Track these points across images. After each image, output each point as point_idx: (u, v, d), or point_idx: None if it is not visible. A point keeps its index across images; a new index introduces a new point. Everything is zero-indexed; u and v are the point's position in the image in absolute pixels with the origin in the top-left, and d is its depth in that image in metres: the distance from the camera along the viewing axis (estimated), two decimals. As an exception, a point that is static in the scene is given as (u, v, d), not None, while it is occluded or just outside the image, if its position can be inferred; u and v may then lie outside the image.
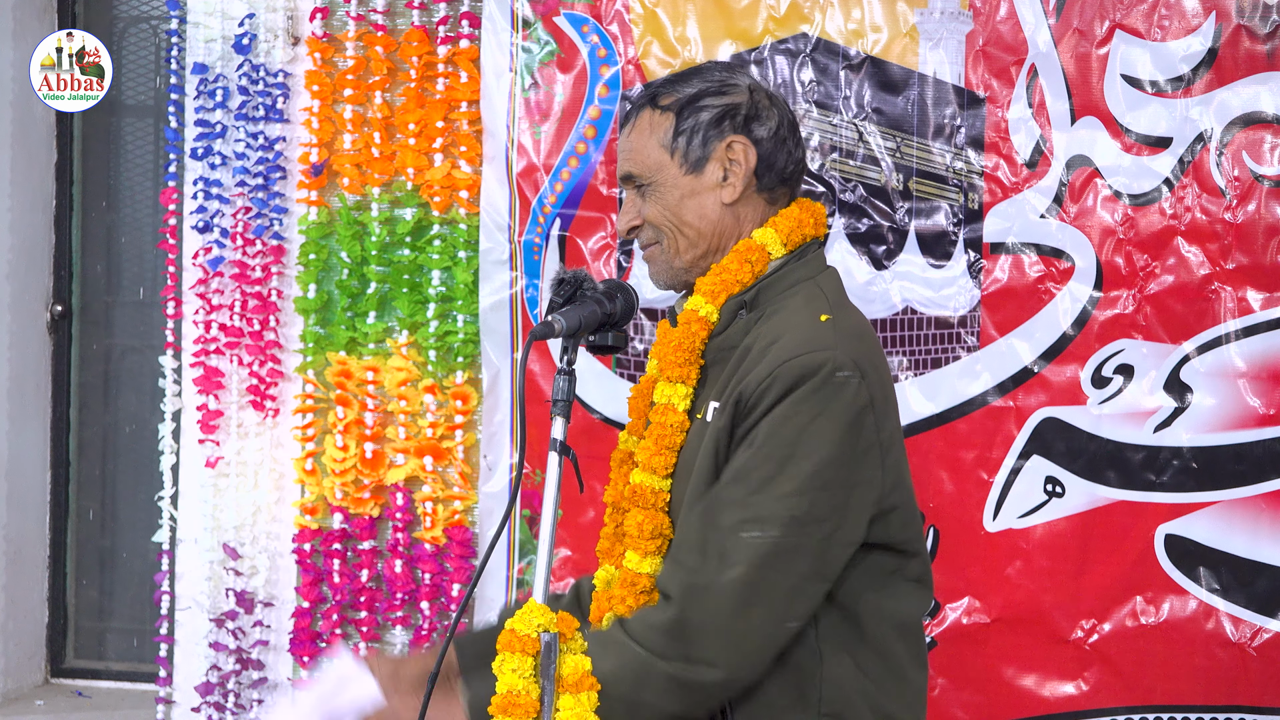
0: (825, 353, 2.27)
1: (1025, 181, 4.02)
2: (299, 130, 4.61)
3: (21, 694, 5.26)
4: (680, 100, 2.41)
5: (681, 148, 2.40)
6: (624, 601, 2.37)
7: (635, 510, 2.39)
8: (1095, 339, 3.99)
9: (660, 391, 2.40)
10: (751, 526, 2.24)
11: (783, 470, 2.25)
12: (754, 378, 2.29)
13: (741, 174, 2.41)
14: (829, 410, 2.25)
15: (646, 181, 2.42)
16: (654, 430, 2.39)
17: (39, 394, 5.34)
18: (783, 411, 2.25)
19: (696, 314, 2.40)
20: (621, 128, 2.46)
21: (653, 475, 2.38)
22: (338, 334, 4.58)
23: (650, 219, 2.43)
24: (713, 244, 2.42)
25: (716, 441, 2.32)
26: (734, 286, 2.39)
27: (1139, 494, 3.96)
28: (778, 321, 2.35)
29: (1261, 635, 3.91)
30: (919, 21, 4.09)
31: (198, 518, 4.72)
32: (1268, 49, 3.89)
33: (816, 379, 2.25)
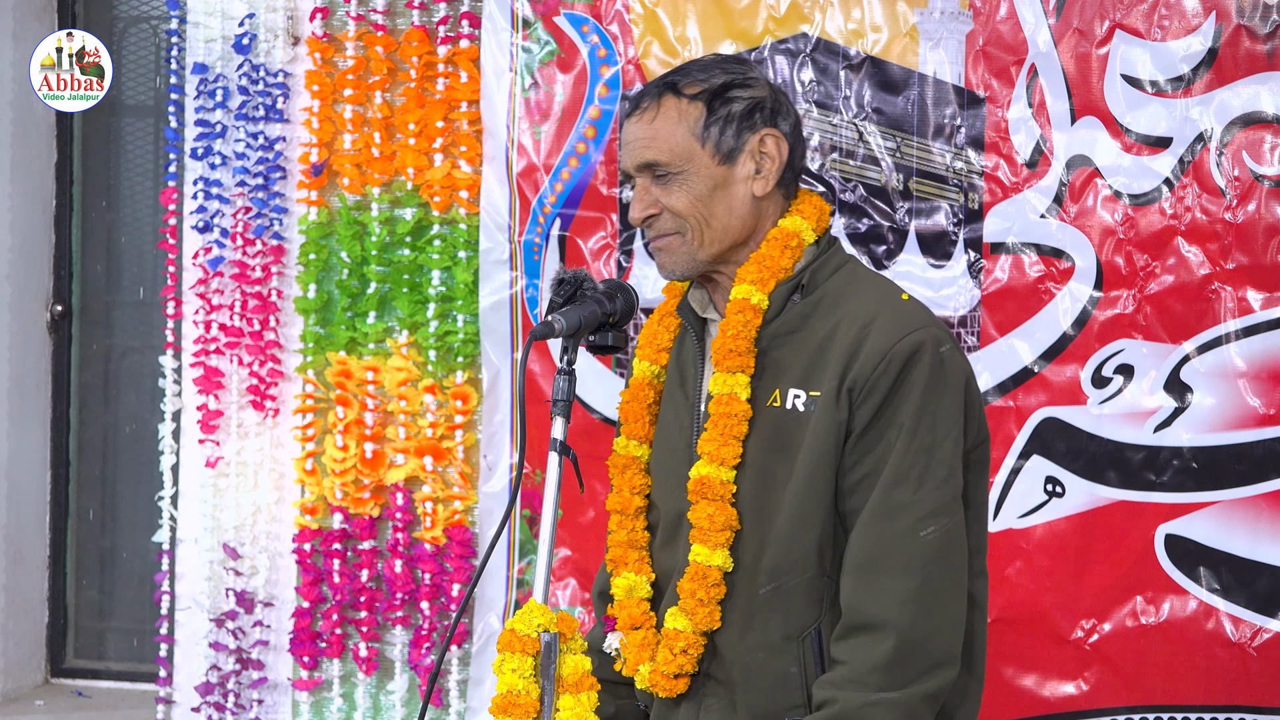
0: (925, 330, 2.32)
1: (1025, 181, 4.02)
2: (299, 130, 4.61)
3: (21, 694, 5.27)
4: (709, 90, 2.38)
5: (714, 138, 2.37)
6: (694, 595, 2.35)
7: (704, 503, 2.36)
8: (1095, 339, 3.99)
9: (720, 382, 2.37)
10: (926, 524, 2.28)
11: (932, 459, 2.29)
12: (864, 364, 2.30)
13: (774, 168, 2.40)
14: (947, 387, 2.31)
15: (675, 170, 2.38)
16: (718, 421, 2.35)
17: (39, 394, 5.34)
18: (912, 401, 2.29)
19: (748, 302, 2.37)
20: (630, 116, 2.42)
21: (720, 467, 2.36)
22: (338, 334, 4.58)
23: (674, 208, 2.38)
24: (740, 236, 2.41)
25: (835, 434, 2.31)
26: (780, 273, 2.39)
27: (1139, 494, 3.96)
28: (856, 304, 2.36)
29: (1261, 635, 3.91)
30: (919, 21, 4.09)
31: (198, 518, 4.72)
32: (1268, 49, 3.89)
33: (927, 357, 2.29)
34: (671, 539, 2.46)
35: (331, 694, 4.64)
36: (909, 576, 2.27)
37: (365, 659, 4.57)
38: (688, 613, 2.37)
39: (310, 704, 4.65)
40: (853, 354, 2.31)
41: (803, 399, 2.34)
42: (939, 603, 2.28)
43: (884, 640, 2.25)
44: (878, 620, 2.26)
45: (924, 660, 2.27)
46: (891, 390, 2.29)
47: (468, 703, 4.51)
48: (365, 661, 4.57)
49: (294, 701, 4.66)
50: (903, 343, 2.30)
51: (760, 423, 2.36)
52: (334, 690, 4.63)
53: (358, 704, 4.62)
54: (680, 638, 2.37)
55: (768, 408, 2.36)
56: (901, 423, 2.29)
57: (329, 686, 4.64)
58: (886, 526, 2.28)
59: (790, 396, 2.35)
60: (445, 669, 4.55)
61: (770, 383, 2.37)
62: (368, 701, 4.62)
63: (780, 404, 2.35)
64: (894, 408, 2.29)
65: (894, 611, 2.26)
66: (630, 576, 2.47)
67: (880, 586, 2.27)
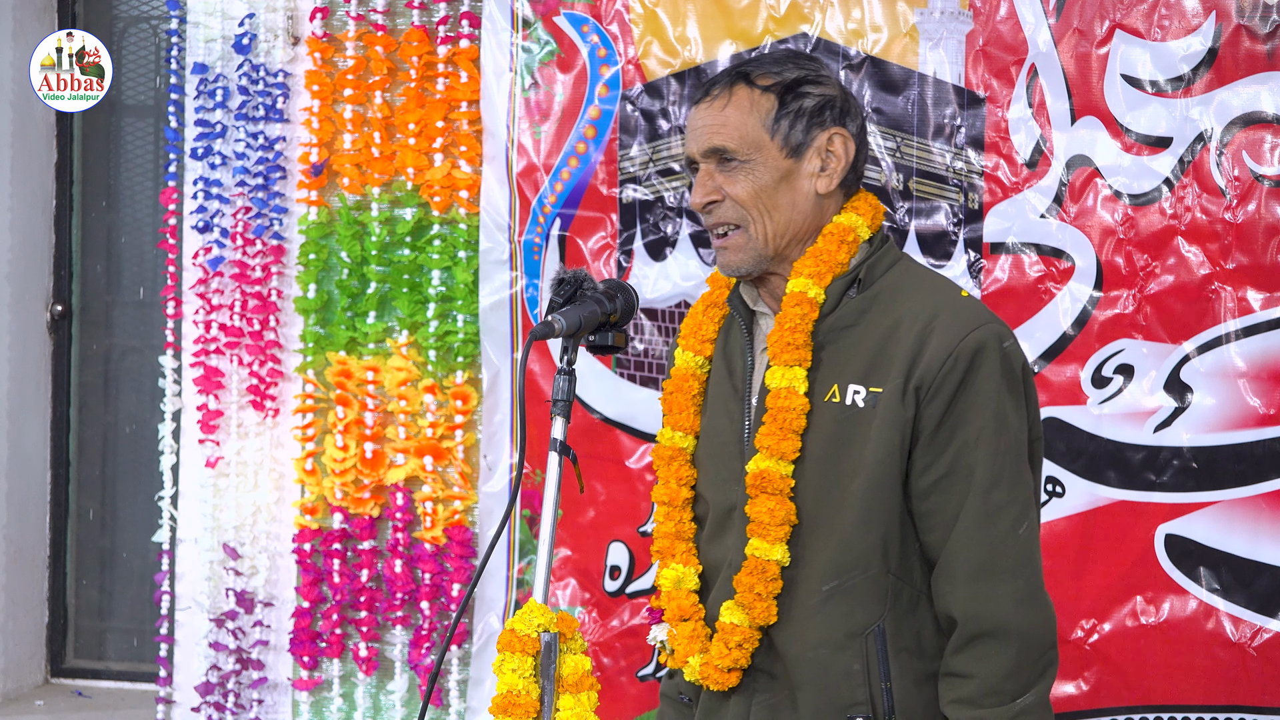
0: (989, 326, 2.34)
1: (1025, 181, 4.02)
2: (299, 130, 4.61)
3: (21, 694, 5.27)
4: (782, 83, 2.39)
5: (784, 130, 2.38)
6: (752, 590, 2.36)
7: (763, 497, 2.36)
8: (1095, 339, 3.99)
9: (778, 375, 2.37)
10: (1020, 522, 2.32)
11: (1015, 457, 2.33)
12: (930, 362, 2.31)
13: (840, 167, 2.41)
14: (1016, 383, 2.34)
15: (743, 158, 2.38)
16: (776, 415, 2.35)
17: (39, 394, 5.34)
18: (989, 401, 2.31)
19: (805, 295, 2.38)
20: (699, 102, 2.42)
21: (779, 461, 2.36)
22: (338, 334, 4.58)
23: (737, 196, 2.38)
24: (801, 231, 2.41)
25: (901, 432, 2.32)
26: (837, 268, 2.39)
27: (1139, 494, 3.96)
28: (917, 301, 2.36)
29: (1261, 635, 3.90)
30: (919, 21, 4.09)
31: (198, 518, 4.72)
32: (1268, 49, 3.89)
33: (995, 354, 2.31)
34: (720, 532, 2.45)
35: (331, 694, 4.64)
36: (1017, 577, 2.30)
37: (365, 659, 4.57)
38: (745, 607, 2.37)
39: (310, 704, 4.66)
40: (918, 352, 2.32)
41: (863, 395, 2.34)
42: (1041, 597, 2.33)
43: (1008, 646, 2.28)
44: (999, 626, 2.29)
45: (1042, 656, 2.31)
46: (960, 388, 2.31)
47: (468, 703, 4.52)
48: (365, 661, 4.57)
49: (294, 701, 4.66)
50: (968, 340, 2.31)
51: (818, 418, 2.36)
52: (334, 690, 4.63)
53: (358, 704, 4.62)
54: (736, 632, 2.37)
55: (826, 403, 2.36)
56: (982, 423, 2.30)
57: (329, 686, 4.64)
58: (990, 530, 2.30)
59: (850, 392, 2.35)
60: (445, 669, 4.55)
61: (828, 377, 2.37)
62: (368, 701, 4.62)
63: (840, 399, 2.35)
64: (967, 406, 2.31)
65: (1011, 614, 2.29)
66: (678, 568, 2.47)
67: (994, 592, 2.29)
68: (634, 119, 4.28)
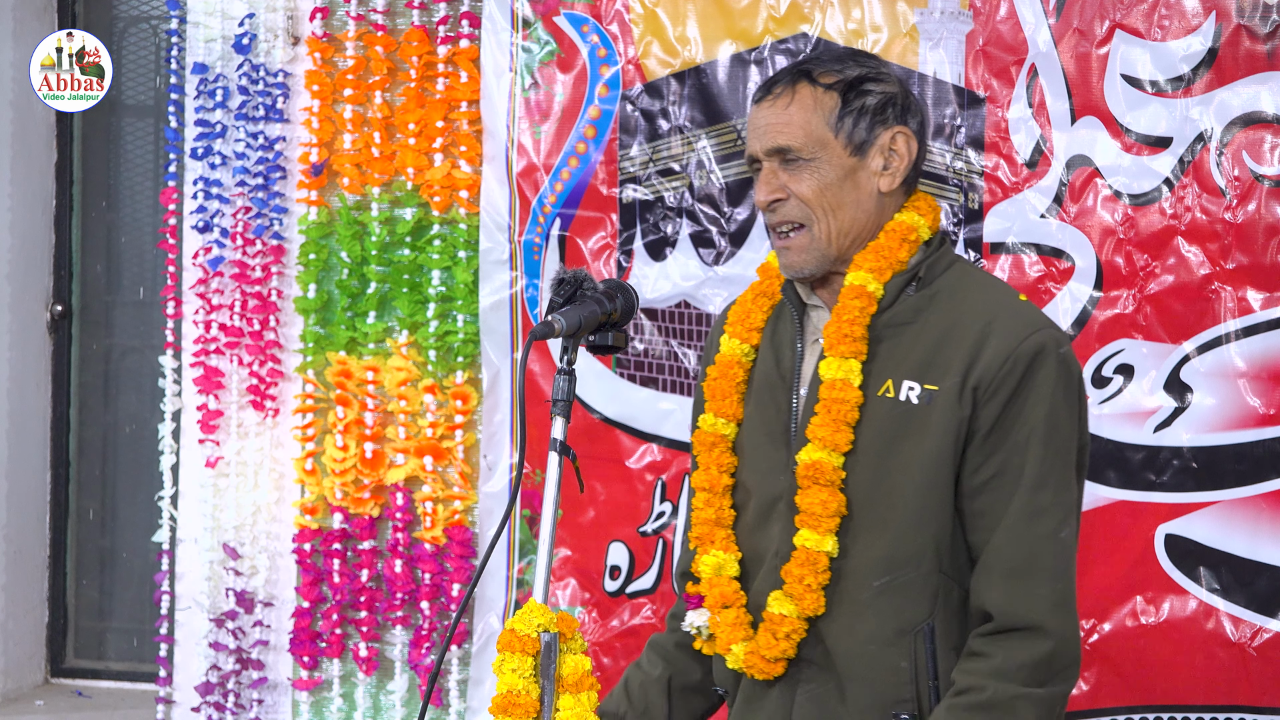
0: (1047, 330, 2.35)
1: (1025, 181, 4.02)
2: (299, 130, 4.61)
3: (21, 694, 5.27)
4: (845, 81, 2.40)
5: (847, 129, 2.39)
6: (802, 581, 2.36)
7: (815, 488, 2.36)
8: (1095, 339, 3.98)
9: (831, 367, 2.37)
10: (1064, 525, 2.33)
11: (1064, 461, 2.34)
12: (989, 363, 2.32)
13: (903, 166, 2.42)
14: (1071, 389, 2.35)
15: (807, 156, 2.38)
16: (830, 406, 2.36)
17: (39, 394, 5.34)
18: (1043, 403, 2.32)
19: (864, 290, 2.38)
20: (761, 100, 2.42)
21: (831, 453, 2.36)
22: (338, 334, 4.58)
23: (801, 194, 2.39)
24: (863, 231, 2.42)
25: (956, 431, 2.33)
26: (897, 265, 2.40)
27: (1139, 494, 3.96)
28: (976, 302, 2.38)
29: (1261, 635, 3.90)
30: (919, 21, 4.08)
31: (198, 518, 4.72)
32: (1268, 49, 3.89)
33: (1053, 358, 2.33)
34: (764, 522, 2.45)
35: (331, 694, 4.64)
36: (1056, 579, 2.32)
37: (365, 659, 4.57)
38: (794, 598, 2.37)
39: (310, 704, 4.66)
40: (977, 352, 2.33)
41: (917, 392, 2.35)
42: (1073, 605, 2.34)
43: (1042, 642, 2.29)
44: (1035, 625, 2.29)
45: (1068, 661, 2.32)
46: (1017, 390, 2.32)
47: (468, 703, 4.52)
48: (365, 661, 4.57)
49: (294, 701, 4.66)
50: (1027, 342, 2.32)
51: (871, 412, 2.37)
52: (334, 690, 4.63)
53: (358, 704, 4.62)
54: (785, 622, 2.37)
55: (879, 397, 2.37)
56: (1034, 425, 2.32)
57: (329, 686, 4.64)
58: (1033, 529, 2.31)
59: (905, 389, 2.36)
60: (445, 669, 4.55)
61: (882, 372, 2.38)
62: (368, 701, 4.62)
63: (894, 395, 2.36)
64: (1021, 408, 2.32)
65: (1048, 615, 2.30)
66: (719, 554, 2.47)
67: (1033, 591, 2.30)
68: (634, 119, 4.28)
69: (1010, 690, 2.27)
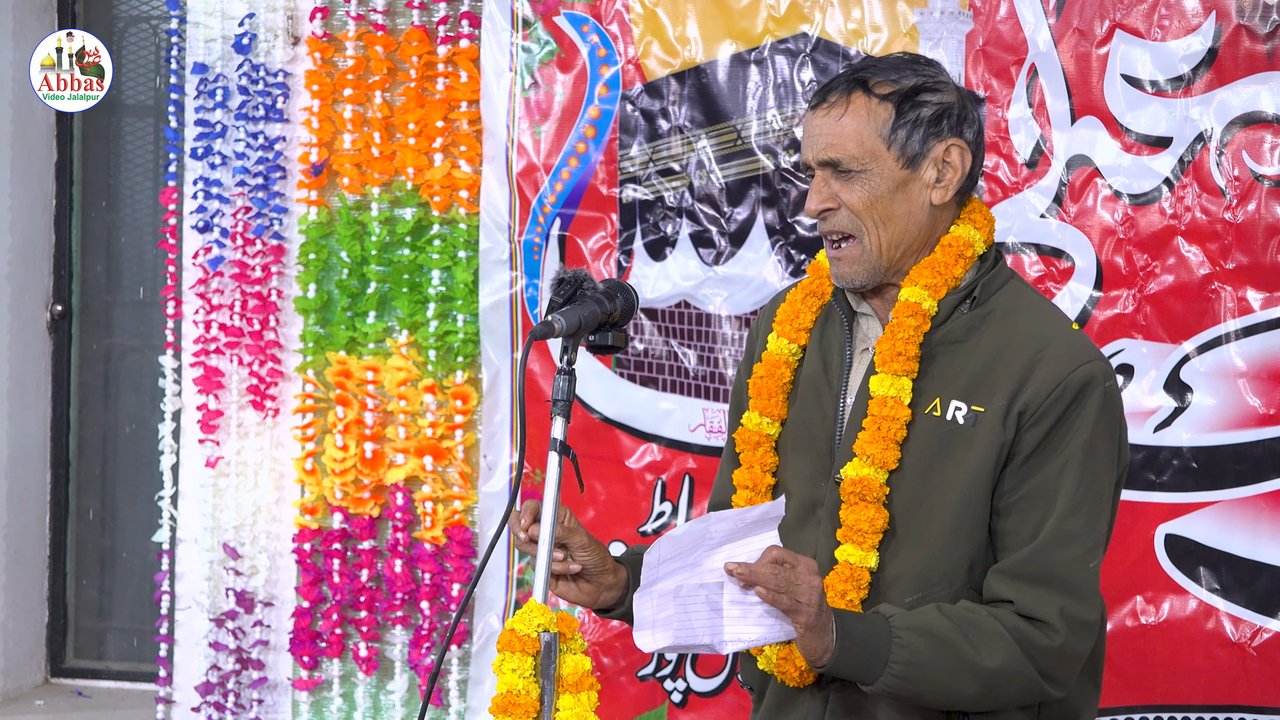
0: (1097, 363, 2.36)
1: (1025, 181, 4.02)
2: (299, 130, 4.61)
3: (21, 694, 5.27)
4: (900, 92, 2.37)
5: (900, 140, 2.36)
6: (845, 596, 2.35)
7: (861, 504, 2.35)
8: (1095, 339, 3.98)
9: (883, 384, 2.36)
10: (1092, 556, 2.34)
11: (1099, 493, 2.36)
12: (1037, 389, 2.32)
13: (956, 179, 2.40)
14: (1114, 423, 2.39)
15: (859, 168, 2.36)
16: (879, 424, 2.35)
17: (39, 394, 5.34)
18: (1084, 432, 2.33)
19: (919, 307, 2.37)
20: (816, 108, 2.41)
21: (879, 470, 2.35)
22: (338, 334, 4.58)
23: (852, 205, 2.37)
24: (916, 243, 2.40)
25: (998, 453, 2.32)
26: (951, 281, 2.39)
27: (1139, 494, 3.96)
28: (1029, 327, 2.37)
29: (1261, 635, 3.90)
30: (919, 21, 4.09)
31: (198, 518, 4.72)
32: (1268, 49, 3.89)
33: (1100, 391, 2.35)
34: (801, 526, 2.44)
35: (331, 694, 4.64)
36: (1076, 595, 2.30)
37: (365, 659, 4.57)
38: None
39: (310, 704, 4.65)
40: (1026, 377, 2.32)
41: (964, 412, 2.35)
42: (1090, 633, 2.33)
43: (1054, 637, 2.29)
44: (1049, 619, 2.29)
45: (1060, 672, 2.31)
46: (1062, 418, 2.32)
47: (468, 703, 4.52)
48: (365, 661, 4.57)
49: (294, 701, 4.66)
50: (1077, 372, 2.33)
51: (917, 429, 2.36)
52: (334, 690, 4.63)
53: (358, 704, 4.62)
54: None
55: (925, 415, 2.36)
56: (1073, 452, 2.32)
57: (329, 686, 4.64)
58: (1060, 553, 2.31)
59: (951, 408, 2.36)
60: (445, 669, 4.55)
61: (931, 390, 2.37)
62: (368, 701, 4.62)
63: (941, 414, 2.36)
64: (1063, 435, 2.32)
65: (1064, 623, 2.29)
66: None
67: (1050, 600, 2.29)
68: (634, 119, 4.28)
69: (1008, 638, 2.27)
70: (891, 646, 2.24)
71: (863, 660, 2.24)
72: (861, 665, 2.24)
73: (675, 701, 4.30)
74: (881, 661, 2.24)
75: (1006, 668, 2.27)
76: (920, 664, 2.24)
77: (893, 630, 2.25)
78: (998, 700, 2.30)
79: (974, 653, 2.26)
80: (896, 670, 2.24)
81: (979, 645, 2.26)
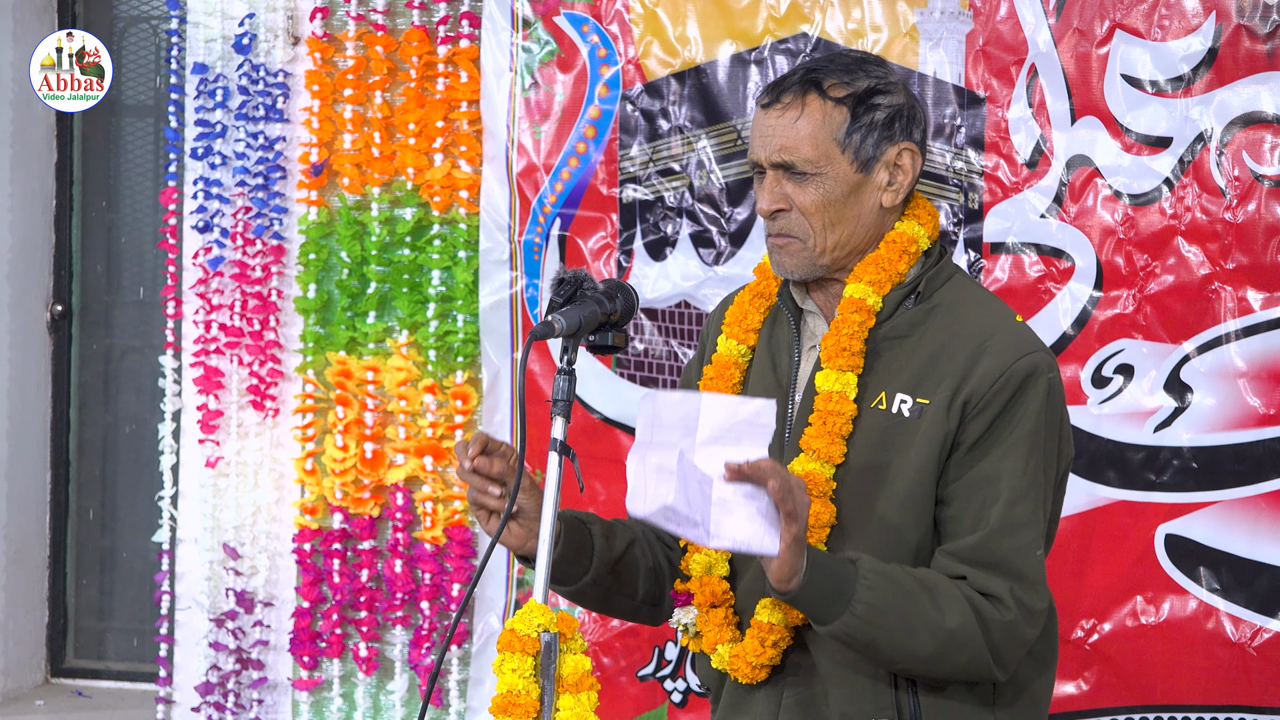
0: (1040, 354, 2.37)
1: (1025, 181, 4.02)
2: (299, 130, 4.61)
3: (21, 694, 5.27)
4: (855, 94, 2.37)
5: (855, 144, 2.37)
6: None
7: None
8: (1095, 339, 3.98)
9: (828, 379, 2.38)
10: (1039, 543, 2.35)
11: (1042, 481, 2.35)
12: (981, 380, 2.33)
13: (907, 182, 2.42)
14: (1056, 414, 2.37)
15: (813, 172, 2.37)
16: (825, 419, 2.37)
17: (39, 394, 5.34)
18: (1028, 422, 2.33)
19: (864, 303, 2.38)
20: (769, 107, 2.41)
21: (825, 464, 2.37)
22: (338, 334, 4.58)
23: (805, 208, 2.38)
24: (862, 242, 2.42)
25: (942, 444, 2.33)
26: (896, 278, 2.40)
27: (1139, 494, 3.96)
28: (973, 320, 2.38)
29: (1261, 635, 3.90)
30: (919, 21, 4.08)
31: (198, 518, 4.72)
32: (1268, 49, 3.89)
33: (1043, 382, 2.34)
34: None
35: (331, 694, 4.64)
36: (1023, 585, 2.31)
37: (365, 659, 4.57)
38: (783, 607, 2.37)
39: (310, 704, 4.65)
40: (970, 369, 2.33)
41: (909, 405, 2.36)
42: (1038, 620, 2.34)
43: (1007, 613, 2.30)
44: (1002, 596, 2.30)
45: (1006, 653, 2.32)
46: (1006, 408, 2.33)
47: (468, 703, 4.51)
48: (365, 661, 4.57)
49: (294, 701, 4.66)
50: (1021, 363, 2.33)
51: (863, 424, 2.37)
52: (334, 690, 4.63)
53: (358, 704, 4.62)
54: (773, 631, 2.37)
55: (871, 409, 2.37)
56: (1016, 441, 2.32)
57: (329, 686, 4.64)
58: (1009, 540, 2.31)
59: (897, 401, 2.36)
60: (445, 669, 4.55)
61: (876, 385, 2.38)
62: (368, 701, 4.62)
63: (886, 407, 2.37)
64: (1006, 425, 2.33)
65: (1011, 600, 2.30)
66: (710, 554, 2.46)
67: (1000, 581, 2.31)
68: (634, 119, 4.28)
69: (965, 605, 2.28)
70: (857, 586, 2.25)
71: (827, 593, 2.25)
72: (825, 599, 2.25)
73: (675, 701, 4.30)
74: (845, 598, 2.25)
75: (962, 632, 2.27)
76: (882, 608, 2.25)
77: (859, 570, 2.27)
78: (947, 665, 2.30)
79: (935, 610, 2.27)
80: (859, 610, 2.25)
81: (940, 603, 2.27)
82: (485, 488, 2.39)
